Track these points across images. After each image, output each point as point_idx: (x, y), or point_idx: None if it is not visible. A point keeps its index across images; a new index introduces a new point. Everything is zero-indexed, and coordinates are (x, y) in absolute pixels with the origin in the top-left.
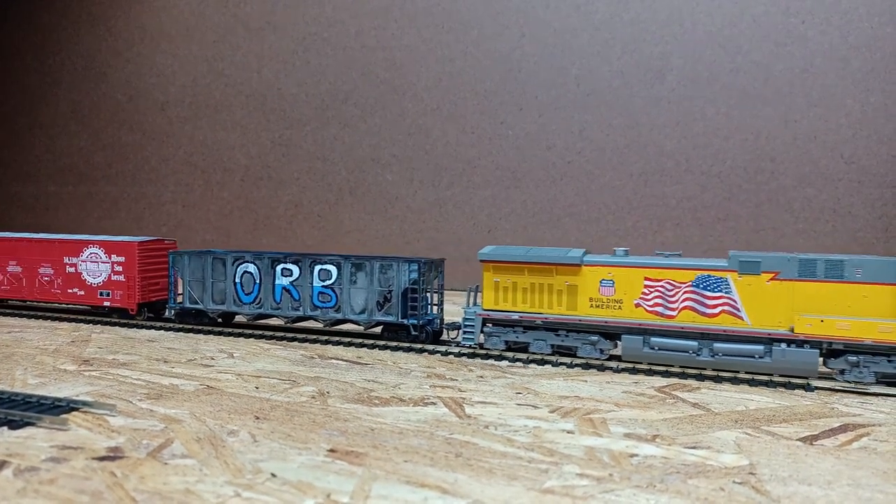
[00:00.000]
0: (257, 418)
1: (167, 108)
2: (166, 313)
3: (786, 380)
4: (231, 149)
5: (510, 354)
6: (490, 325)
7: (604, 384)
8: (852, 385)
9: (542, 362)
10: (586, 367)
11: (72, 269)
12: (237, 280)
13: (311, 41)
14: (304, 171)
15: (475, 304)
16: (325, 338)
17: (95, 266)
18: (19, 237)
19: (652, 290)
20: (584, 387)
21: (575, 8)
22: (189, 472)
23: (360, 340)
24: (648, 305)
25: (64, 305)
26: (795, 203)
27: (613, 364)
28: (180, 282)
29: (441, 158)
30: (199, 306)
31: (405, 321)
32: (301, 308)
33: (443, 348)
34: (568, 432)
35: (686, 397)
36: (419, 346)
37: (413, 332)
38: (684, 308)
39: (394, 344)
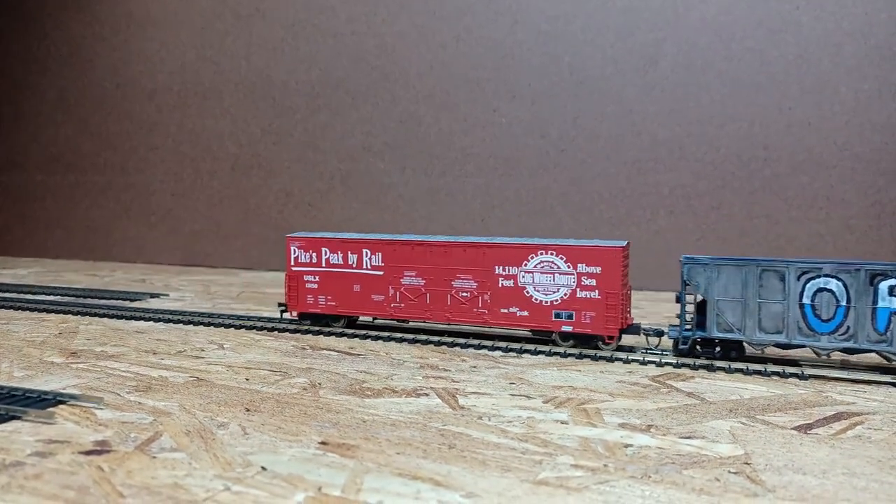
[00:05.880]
0: (248, 410)
1: (155, 96)
2: (679, 345)
3: (780, 368)
4: (220, 137)
5: (503, 344)
6: None
7: (598, 374)
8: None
9: (535, 352)
10: (580, 356)
11: (508, 283)
12: (807, 301)
13: (300, 27)
14: (294, 159)
15: None
16: (317, 328)
17: (549, 279)
18: (421, 240)
19: None
20: (577, 376)
21: None
22: (178, 466)
23: (351, 331)
24: None
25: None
26: (789, 191)
27: (607, 353)
28: (689, 300)
29: (433, 147)
30: (736, 336)
31: None
32: None
33: None
34: (562, 423)
35: (680, 386)
36: (412, 336)
37: None
38: None
39: (386, 334)
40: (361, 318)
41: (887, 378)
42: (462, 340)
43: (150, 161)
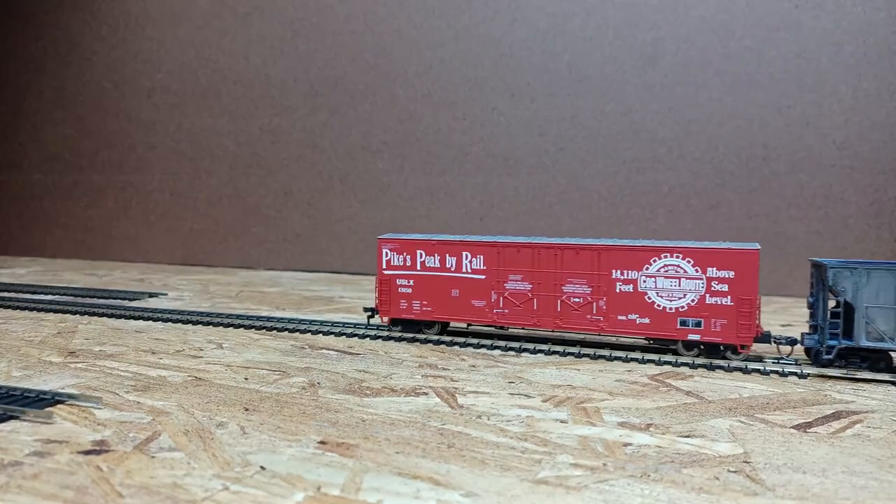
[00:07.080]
0: (246, 410)
1: (153, 95)
2: (823, 355)
3: (779, 367)
4: (219, 136)
5: (502, 343)
6: None
7: (597, 372)
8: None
9: (534, 351)
10: (579, 355)
11: (627, 288)
12: None
13: (299, 26)
14: (293, 158)
15: None
16: (316, 327)
17: (674, 284)
18: (528, 242)
19: None
20: (576, 375)
21: None
22: (177, 466)
23: (350, 330)
24: None
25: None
26: (788, 189)
27: (606, 352)
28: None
29: (432, 145)
30: (888, 345)
31: None
32: None
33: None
34: (561, 422)
35: (679, 385)
36: (410, 335)
37: None
38: None
39: (384, 333)
40: (453, 323)
41: (886, 377)
42: (461, 339)
43: (148, 160)
